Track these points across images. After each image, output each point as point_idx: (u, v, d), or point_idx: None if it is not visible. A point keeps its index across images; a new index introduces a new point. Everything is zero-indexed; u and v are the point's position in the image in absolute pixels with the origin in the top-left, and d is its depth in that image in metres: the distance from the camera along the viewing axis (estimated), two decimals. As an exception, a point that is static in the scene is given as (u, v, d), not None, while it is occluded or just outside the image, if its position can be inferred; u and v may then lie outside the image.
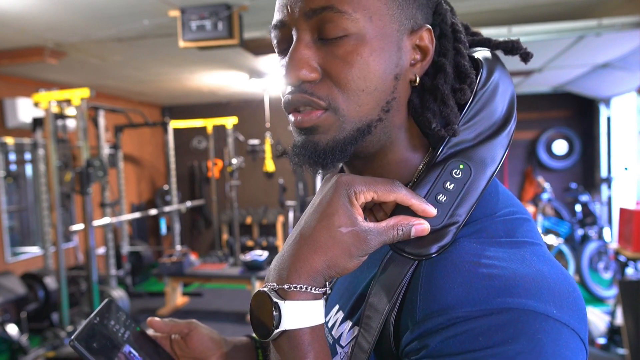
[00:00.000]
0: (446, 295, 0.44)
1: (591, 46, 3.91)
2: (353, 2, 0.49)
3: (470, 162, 0.51)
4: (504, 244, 0.47)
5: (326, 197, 0.48)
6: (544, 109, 6.76)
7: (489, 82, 0.53)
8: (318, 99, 0.50)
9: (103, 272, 5.14)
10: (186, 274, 4.95)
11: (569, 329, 0.43)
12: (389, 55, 0.51)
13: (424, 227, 0.48)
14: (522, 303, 0.42)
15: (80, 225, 4.06)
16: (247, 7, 3.18)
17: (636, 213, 3.35)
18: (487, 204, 0.52)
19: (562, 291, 0.45)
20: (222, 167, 7.41)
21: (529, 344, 0.41)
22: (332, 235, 0.46)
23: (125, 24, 3.47)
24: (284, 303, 0.46)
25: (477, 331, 0.42)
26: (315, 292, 0.47)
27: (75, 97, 3.90)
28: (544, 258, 0.47)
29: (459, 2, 3.28)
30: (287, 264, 0.47)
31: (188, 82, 5.85)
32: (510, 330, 0.41)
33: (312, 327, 0.47)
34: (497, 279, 0.43)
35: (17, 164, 5.33)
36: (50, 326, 4.36)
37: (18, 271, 4.71)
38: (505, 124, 0.53)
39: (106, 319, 0.60)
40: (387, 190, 0.49)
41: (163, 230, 7.23)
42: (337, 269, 0.47)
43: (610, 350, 3.36)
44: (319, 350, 0.47)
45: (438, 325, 0.44)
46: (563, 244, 5.16)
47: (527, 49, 0.57)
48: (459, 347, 0.42)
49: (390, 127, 0.54)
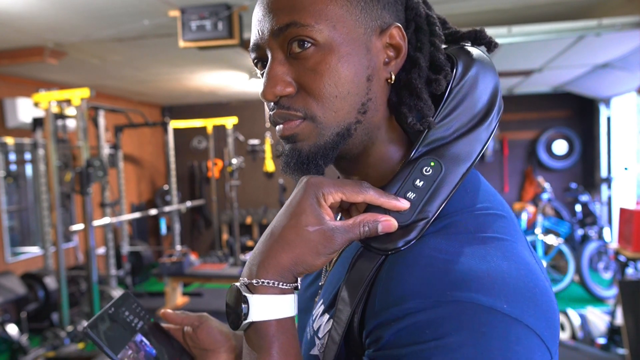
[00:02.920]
0: (401, 287, 0.45)
1: (591, 46, 3.91)
2: (314, 14, 0.51)
3: (442, 159, 0.52)
4: (470, 239, 0.47)
5: (295, 198, 0.50)
6: (544, 109, 6.76)
7: (465, 78, 0.54)
8: (295, 111, 0.53)
9: (103, 272, 5.14)
10: (186, 274, 4.95)
11: (523, 325, 0.43)
12: (357, 58, 0.52)
13: (390, 223, 0.49)
14: (470, 297, 0.43)
15: (80, 225, 4.06)
16: (247, 7, 3.18)
17: (636, 213, 3.35)
18: (462, 199, 0.52)
19: (520, 288, 0.44)
20: (222, 167, 7.41)
21: (473, 337, 0.41)
22: (299, 234, 0.48)
23: (125, 24, 3.47)
24: (252, 297, 0.48)
25: (425, 323, 0.43)
26: (282, 287, 0.49)
27: (75, 97, 3.90)
28: (509, 255, 0.47)
29: (459, 2, 3.28)
30: (257, 261, 0.50)
31: (188, 82, 5.85)
32: (455, 322, 0.42)
33: (278, 320, 0.49)
34: (451, 273, 0.44)
35: (17, 164, 5.33)
36: (50, 326, 4.36)
37: (18, 271, 4.71)
38: (484, 119, 0.53)
39: (121, 309, 0.62)
40: (354, 192, 0.50)
41: (163, 230, 7.23)
42: (305, 265, 0.49)
43: (610, 350, 3.36)
44: (284, 341, 0.49)
45: (392, 317, 0.45)
46: (563, 244, 5.16)
47: (491, 38, 0.58)
48: (408, 338, 0.43)
49: (370, 127, 0.55)
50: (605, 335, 3.49)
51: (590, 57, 4.38)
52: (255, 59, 0.58)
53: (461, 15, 3.56)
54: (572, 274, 5.07)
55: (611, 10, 3.46)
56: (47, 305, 4.46)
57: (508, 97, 6.67)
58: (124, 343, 0.59)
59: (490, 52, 0.58)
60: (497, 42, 0.59)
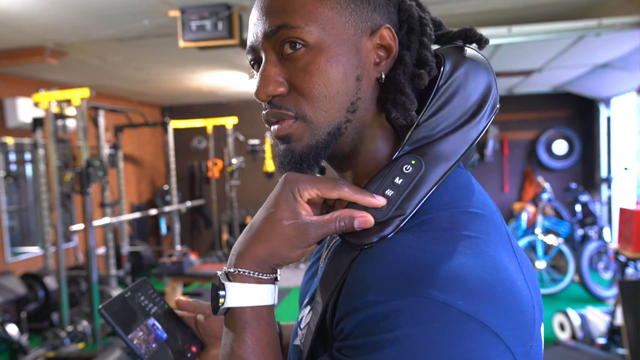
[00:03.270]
0: (364, 280, 0.46)
1: (591, 46, 3.91)
2: (305, 16, 0.53)
3: (424, 157, 0.52)
4: (441, 236, 0.48)
5: (273, 193, 0.53)
6: (544, 109, 6.76)
7: (453, 77, 0.54)
8: (286, 110, 0.55)
9: (103, 272, 5.14)
10: (186, 274, 4.94)
11: (478, 323, 0.43)
12: (347, 59, 0.54)
13: (366, 219, 0.50)
14: (426, 292, 0.43)
15: (80, 225, 4.06)
16: (247, 7, 3.18)
17: (636, 213, 3.35)
18: (442, 197, 0.52)
19: (480, 286, 0.44)
20: (222, 167, 7.41)
21: (423, 331, 0.42)
22: (275, 227, 0.51)
23: (125, 24, 3.48)
24: (229, 284, 0.52)
25: (380, 316, 0.44)
26: (258, 277, 0.52)
27: (75, 97, 3.90)
28: (478, 253, 0.47)
29: (459, 2, 3.28)
30: (237, 251, 0.53)
31: (188, 82, 5.85)
32: (407, 316, 0.43)
33: (252, 307, 0.52)
34: (412, 268, 0.45)
35: (17, 164, 5.33)
36: (50, 326, 4.36)
37: (18, 271, 4.71)
38: (472, 118, 0.54)
39: (137, 294, 0.65)
40: (329, 188, 0.52)
41: (163, 230, 7.23)
42: (280, 257, 0.52)
43: (610, 350, 3.35)
44: (256, 327, 0.52)
45: (353, 309, 0.46)
46: (563, 244, 5.16)
47: (482, 35, 0.58)
48: (364, 330, 0.44)
49: (360, 126, 0.56)
50: (605, 335, 3.49)
51: (590, 57, 4.38)
52: (251, 60, 0.60)
53: (461, 15, 3.56)
54: (572, 274, 5.07)
55: (611, 10, 3.46)
56: (47, 305, 4.46)
57: (508, 97, 6.67)
58: (136, 325, 0.61)
59: (482, 49, 0.58)
60: (488, 39, 0.59)
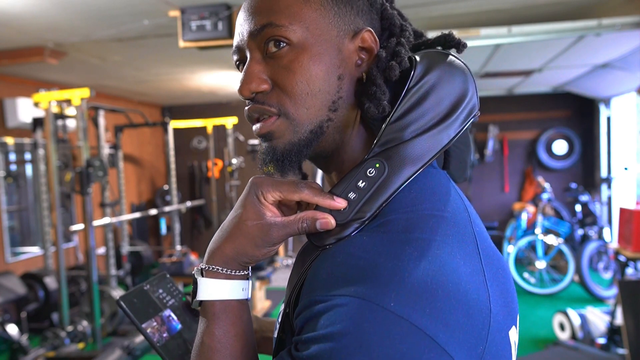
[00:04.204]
0: (314, 279, 0.49)
1: (591, 46, 3.91)
2: (289, 16, 0.54)
3: (389, 160, 0.52)
4: (392, 238, 0.48)
5: (241, 196, 0.56)
6: (544, 109, 6.76)
7: (424, 79, 0.54)
8: (269, 106, 0.56)
9: (103, 272, 5.14)
10: (186, 274, 4.94)
11: (409, 324, 0.43)
12: (329, 58, 0.55)
13: (327, 221, 0.52)
14: (362, 292, 0.44)
15: (80, 225, 4.06)
16: (247, 7, 3.18)
17: (636, 213, 3.34)
18: (404, 200, 0.52)
19: (418, 288, 0.44)
20: (222, 167, 7.41)
21: (354, 330, 0.43)
22: (239, 227, 0.54)
23: (125, 24, 3.48)
24: (200, 279, 0.56)
25: (320, 313, 0.46)
26: (227, 273, 0.55)
27: (75, 97, 3.90)
28: (426, 254, 0.47)
29: (459, 2, 3.28)
30: (209, 249, 0.57)
31: (188, 82, 5.85)
32: (341, 315, 0.44)
33: (221, 300, 0.55)
34: (354, 269, 0.46)
35: (17, 164, 5.33)
36: (50, 326, 4.36)
37: (18, 271, 4.71)
38: (443, 121, 0.53)
39: (156, 287, 0.68)
40: (290, 191, 0.54)
41: (163, 230, 7.23)
42: (247, 256, 0.55)
43: (610, 350, 3.36)
44: (224, 319, 0.55)
45: (303, 306, 0.48)
46: (563, 244, 5.16)
47: (460, 40, 0.59)
48: (309, 327, 0.47)
49: (341, 126, 0.58)
50: (605, 335, 3.49)
51: (590, 57, 4.38)
52: (237, 61, 0.61)
53: (461, 15, 3.56)
54: (572, 274, 5.07)
55: (611, 10, 3.46)
56: (47, 305, 4.45)
57: (508, 97, 6.67)
58: (152, 315, 0.64)
59: (460, 53, 0.58)
60: (466, 43, 0.60)
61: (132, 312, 0.62)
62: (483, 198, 6.91)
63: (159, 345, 0.62)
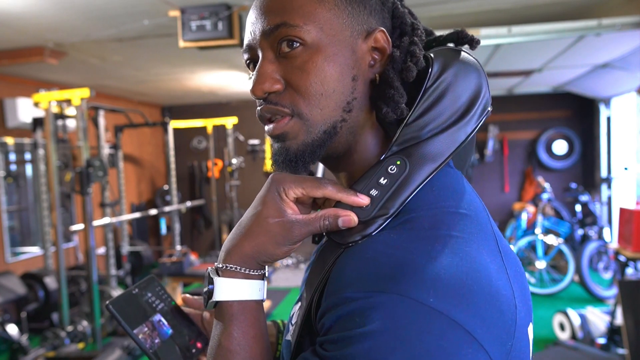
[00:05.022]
0: (343, 277, 0.48)
1: (591, 46, 3.91)
2: (304, 16, 0.54)
3: (410, 158, 0.53)
4: (421, 235, 0.49)
5: (261, 193, 0.55)
6: (544, 109, 6.76)
7: (441, 78, 0.54)
8: (282, 107, 0.55)
9: (103, 272, 5.14)
10: (186, 274, 4.94)
11: (449, 320, 0.43)
12: (343, 59, 0.55)
13: (350, 218, 0.51)
14: (399, 289, 0.44)
15: (80, 225, 4.06)
16: (247, 7, 3.18)
17: (636, 213, 3.34)
18: (426, 197, 0.53)
19: (454, 284, 0.45)
20: (222, 167, 7.41)
21: (393, 327, 0.43)
22: (260, 225, 0.53)
23: (125, 24, 3.47)
24: (217, 279, 0.54)
25: (355, 312, 0.45)
26: (245, 272, 0.54)
27: (75, 97, 3.90)
28: (457, 252, 0.47)
29: (459, 2, 3.28)
30: (226, 248, 0.55)
31: (188, 82, 5.85)
32: (379, 312, 0.43)
33: (239, 301, 0.54)
34: (388, 266, 0.46)
35: (17, 164, 5.33)
36: (50, 326, 4.36)
37: (18, 271, 4.71)
38: (460, 119, 0.54)
39: (145, 291, 0.66)
40: (314, 187, 0.53)
41: (163, 230, 7.23)
42: (267, 254, 0.53)
43: (610, 350, 3.35)
44: (243, 320, 0.53)
45: (332, 305, 0.47)
46: (563, 244, 5.16)
47: (473, 36, 0.59)
48: (342, 326, 0.45)
49: (354, 126, 0.57)
50: (605, 335, 3.49)
51: (590, 57, 4.38)
52: (247, 59, 0.60)
53: (461, 15, 3.56)
54: (572, 274, 5.07)
55: (611, 10, 3.46)
56: (47, 305, 4.45)
57: (508, 97, 6.67)
58: (142, 321, 0.63)
59: (473, 50, 0.59)
60: (479, 39, 0.59)
61: (122, 317, 0.61)
62: (483, 198, 6.69)
63: (151, 351, 0.61)
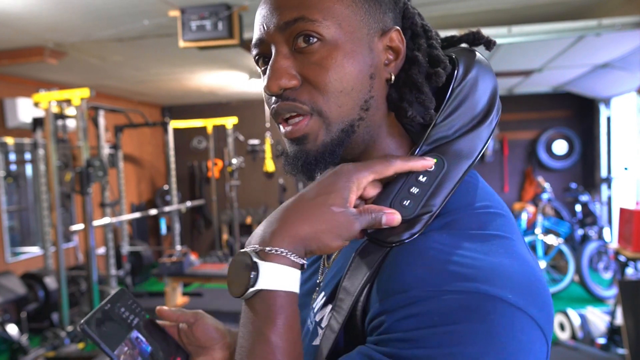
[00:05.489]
0: (406, 276, 0.46)
1: (591, 46, 3.91)
2: (322, 11, 0.53)
3: (445, 155, 0.53)
4: (473, 235, 0.49)
5: (329, 179, 0.51)
6: (544, 109, 6.76)
7: (466, 79, 0.55)
8: (301, 103, 0.54)
9: (103, 272, 5.14)
10: (186, 274, 4.94)
11: (526, 315, 0.44)
12: (361, 56, 0.54)
13: (394, 216, 0.50)
14: (477, 287, 0.44)
15: (80, 225, 4.06)
16: (247, 7, 3.18)
17: (636, 213, 3.35)
18: (464, 197, 0.53)
19: (522, 281, 0.46)
20: (222, 167, 7.41)
21: (483, 324, 0.43)
22: (324, 212, 0.49)
23: (125, 24, 3.47)
24: (262, 263, 0.48)
25: (433, 311, 0.44)
26: (293, 259, 0.49)
27: (75, 97, 3.90)
28: (511, 251, 0.48)
29: (459, 2, 3.28)
30: (273, 228, 0.49)
31: (188, 82, 5.85)
32: (464, 310, 0.43)
33: (286, 292, 0.48)
34: (456, 265, 0.45)
35: (17, 164, 5.33)
36: (50, 326, 4.36)
37: (18, 271, 4.71)
38: (485, 118, 0.55)
39: (117, 305, 0.62)
40: (384, 167, 0.52)
41: (163, 230, 7.23)
42: (320, 243, 0.49)
43: (610, 350, 3.36)
44: (289, 314, 0.48)
45: (396, 304, 0.45)
46: (563, 244, 5.16)
47: (489, 38, 0.60)
48: (414, 324, 0.44)
49: (371, 125, 0.56)
50: (605, 335, 3.49)
51: (590, 57, 4.38)
52: (257, 55, 0.58)
53: (461, 15, 3.56)
54: (572, 274, 5.06)
55: (611, 10, 3.46)
56: (47, 305, 4.45)
57: (508, 97, 6.67)
58: (120, 340, 0.59)
59: (490, 51, 0.60)
60: (496, 40, 0.60)
61: (100, 338, 0.56)
62: (483, 198, 6.89)
63: None
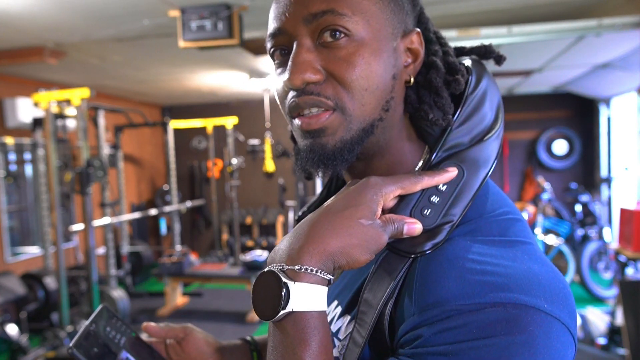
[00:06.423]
0: (441, 289, 0.46)
1: (591, 46, 3.91)
2: (351, 6, 0.51)
3: (464, 164, 0.53)
4: (497, 242, 0.49)
5: (356, 191, 0.50)
6: (544, 109, 6.76)
7: (479, 87, 0.56)
8: (326, 98, 0.52)
9: (103, 272, 5.14)
10: (186, 274, 4.95)
11: (560, 323, 0.45)
12: (386, 56, 0.53)
13: (415, 227, 0.49)
14: (515, 297, 0.44)
15: (80, 225, 4.06)
16: (247, 7, 3.18)
17: (636, 213, 3.35)
18: (481, 205, 0.53)
19: (553, 288, 0.46)
20: (222, 167, 7.41)
21: (522, 336, 0.43)
22: (352, 225, 0.47)
23: (125, 24, 3.47)
24: (293, 284, 0.45)
25: (472, 324, 0.43)
26: (323, 277, 0.47)
27: (75, 97, 3.90)
28: (534, 256, 0.49)
29: (459, 3, 3.28)
30: (301, 243, 0.47)
31: (188, 82, 5.85)
32: (504, 323, 0.43)
33: (319, 312, 0.46)
34: (490, 275, 0.45)
35: (17, 164, 5.33)
36: (50, 326, 4.36)
37: (18, 271, 4.71)
38: (494, 127, 0.57)
39: (102, 325, 0.61)
40: (412, 183, 0.51)
41: (163, 230, 7.23)
42: (349, 258, 0.47)
43: (610, 350, 3.35)
44: (323, 335, 0.46)
45: (433, 317, 0.45)
46: (563, 244, 5.16)
47: (500, 52, 0.61)
48: (453, 337, 0.44)
49: (389, 127, 0.56)
50: (605, 335, 3.49)
51: (590, 57, 4.38)
52: (273, 46, 0.55)
53: (461, 15, 3.56)
54: (572, 274, 5.06)
55: (611, 10, 3.46)
56: (47, 305, 4.45)
57: (508, 97, 6.67)
58: None
59: (499, 66, 0.61)
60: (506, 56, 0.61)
61: None
62: (483, 198, 6.89)
63: None
